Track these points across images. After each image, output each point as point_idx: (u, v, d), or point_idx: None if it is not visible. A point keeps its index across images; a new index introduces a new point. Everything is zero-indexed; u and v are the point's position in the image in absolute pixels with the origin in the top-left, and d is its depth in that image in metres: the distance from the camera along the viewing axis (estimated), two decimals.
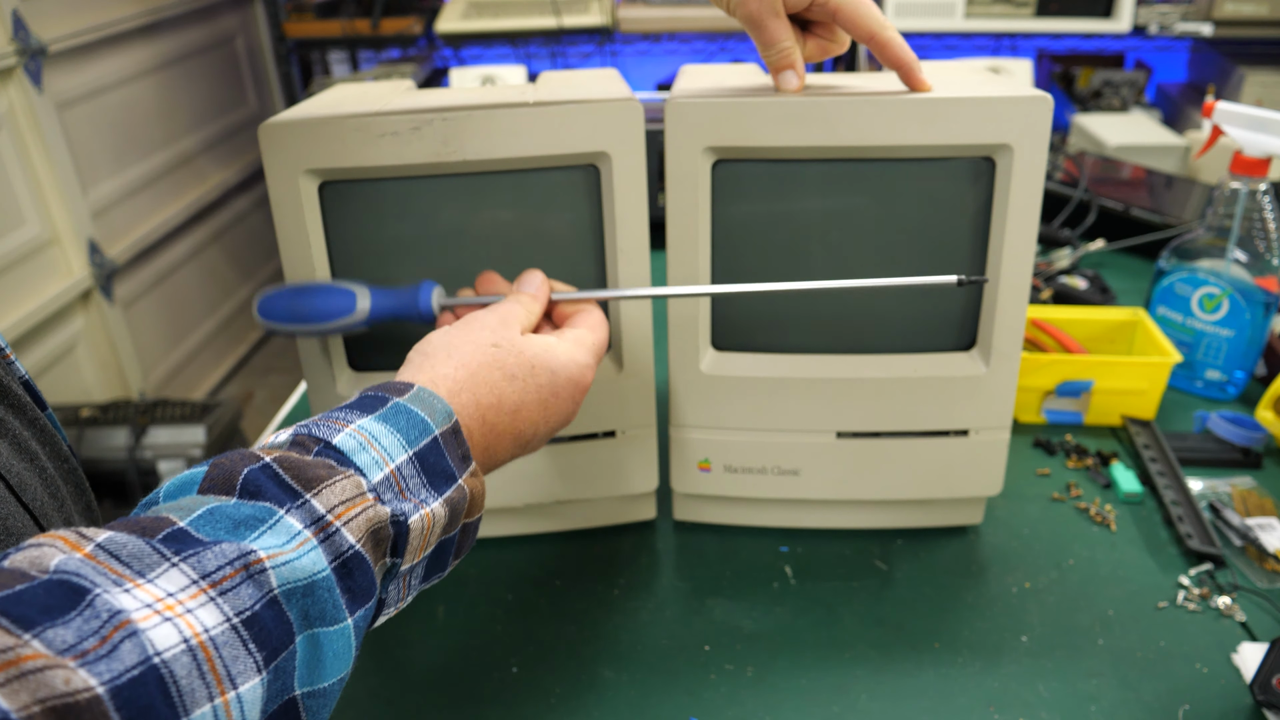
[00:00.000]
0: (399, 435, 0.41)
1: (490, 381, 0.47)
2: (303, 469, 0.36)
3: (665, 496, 0.79)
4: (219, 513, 0.34)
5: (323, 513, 0.35)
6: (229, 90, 2.78)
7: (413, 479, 0.40)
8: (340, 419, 0.40)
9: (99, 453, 1.79)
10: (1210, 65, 2.25)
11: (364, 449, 0.39)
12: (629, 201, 0.63)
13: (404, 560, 0.40)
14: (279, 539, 0.34)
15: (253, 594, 0.31)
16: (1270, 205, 0.89)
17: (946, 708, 0.60)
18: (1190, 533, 0.74)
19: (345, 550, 0.35)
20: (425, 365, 0.46)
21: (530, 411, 0.48)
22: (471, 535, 0.45)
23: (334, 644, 0.35)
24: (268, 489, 0.35)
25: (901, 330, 0.69)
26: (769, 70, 0.62)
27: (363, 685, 0.63)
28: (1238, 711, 0.59)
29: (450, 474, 0.42)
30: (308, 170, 0.61)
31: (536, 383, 0.49)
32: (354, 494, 0.37)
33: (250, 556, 0.32)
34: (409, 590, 0.42)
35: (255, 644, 0.31)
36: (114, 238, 2.23)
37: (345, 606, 0.35)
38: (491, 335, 0.49)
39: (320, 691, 0.35)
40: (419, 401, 0.43)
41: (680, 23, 2.34)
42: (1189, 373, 0.96)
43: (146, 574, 0.30)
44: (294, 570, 0.33)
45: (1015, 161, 0.61)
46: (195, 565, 0.31)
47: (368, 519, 0.37)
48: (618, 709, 0.61)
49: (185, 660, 0.28)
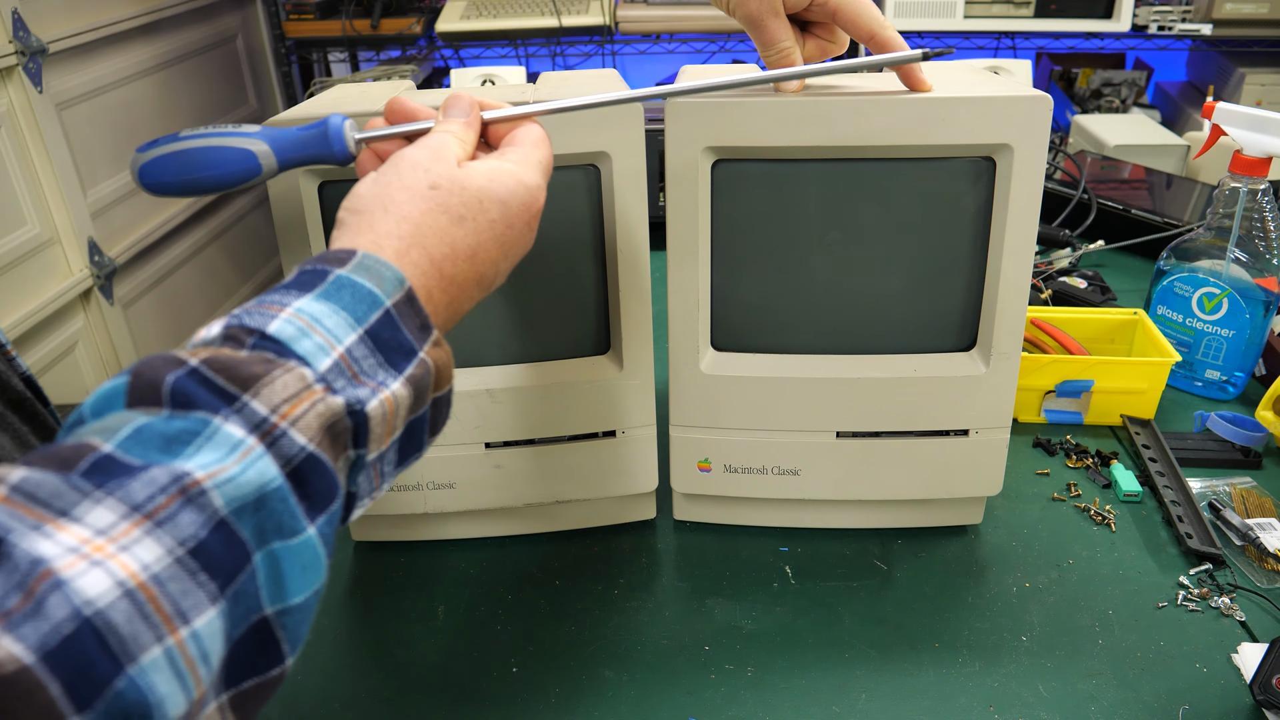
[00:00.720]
0: (344, 313, 0.36)
1: (438, 229, 0.42)
2: (236, 367, 0.32)
3: (665, 496, 0.79)
4: (147, 430, 0.30)
5: (265, 414, 0.32)
6: (229, 90, 2.78)
7: (366, 360, 0.36)
8: (275, 303, 0.36)
9: None
10: (1210, 65, 2.25)
11: (305, 334, 0.35)
12: (629, 201, 0.63)
13: (369, 450, 0.36)
14: (218, 453, 0.30)
15: (194, 519, 0.29)
16: (1270, 205, 0.89)
17: (946, 708, 0.60)
18: (1190, 533, 0.74)
19: (295, 454, 0.32)
20: (362, 226, 0.41)
21: (487, 250, 0.44)
22: (444, 409, 0.41)
23: (299, 556, 0.32)
24: (199, 396, 0.31)
25: (901, 330, 0.69)
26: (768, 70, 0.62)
27: (363, 685, 0.63)
28: (1237, 711, 0.59)
29: (409, 348, 0.38)
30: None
31: (489, 218, 0.43)
32: (299, 388, 0.33)
33: (186, 479, 0.29)
34: (383, 478, 0.39)
35: (206, 573, 0.29)
36: (114, 238, 2.23)
37: (304, 515, 0.32)
38: (426, 176, 0.43)
39: (294, 608, 0.32)
40: (364, 270, 0.38)
41: (680, 23, 2.34)
42: (1189, 372, 0.96)
43: (69, 513, 0.27)
44: (239, 486, 0.30)
45: (1015, 161, 0.61)
46: (123, 497, 0.28)
47: (318, 414, 0.33)
48: (618, 709, 0.61)
49: (123, 605, 0.26)
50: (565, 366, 0.69)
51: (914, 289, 0.67)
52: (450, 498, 0.73)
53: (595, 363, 0.70)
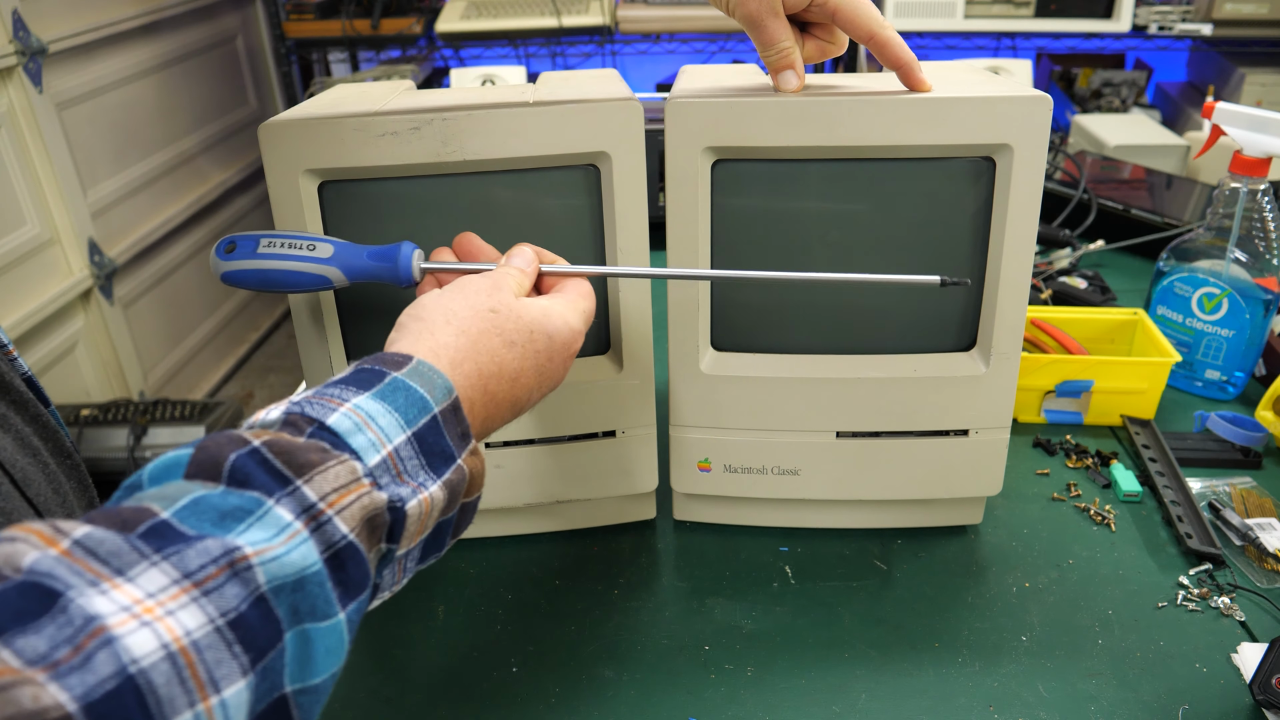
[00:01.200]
0: (397, 414, 0.39)
1: (491, 349, 0.45)
2: (294, 453, 0.34)
3: (665, 496, 0.79)
4: (204, 503, 0.32)
5: (314, 500, 0.34)
6: (229, 90, 2.78)
7: (411, 461, 0.39)
8: (335, 396, 0.38)
9: (99, 452, 1.79)
10: (1210, 65, 2.25)
11: (360, 430, 0.37)
12: (629, 201, 0.63)
13: (400, 546, 0.38)
14: (267, 532, 0.32)
15: (238, 593, 0.30)
16: (1270, 205, 0.89)
17: (946, 708, 0.60)
18: (1190, 533, 0.74)
19: (337, 541, 0.34)
20: (424, 333, 0.44)
21: (528, 378, 0.47)
22: (470, 514, 0.44)
23: (325, 640, 0.33)
24: (256, 476, 0.33)
25: (901, 330, 0.69)
26: (768, 71, 0.62)
27: (363, 685, 0.63)
28: (1237, 711, 0.59)
29: (449, 454, 0.40)
30: (308, 170, 0.61)
31: (534, 348, 0.47)
32: (348, 480, 0.35)
33: (236, 553, 0.31)
34: (405, 573, 0.41)
35: (241, 645, 0.30)
36: (114, 238, 2.23)
37: (337, 600, 0.34)
38: (488, 300, 0.47)
39: (312, 688, 0.33)
40: (418, 376, 0.41)
41: (680, 23, 2.34)
42: (1189, 373, 0.96)
43: (125, 572, 0.29)
44: (283, 566, 0.32)
45: (1015, 161, 0.61)
46: (177, 563, 0.30)
47: (362, 506, 0.35)
48: (618, 709, 0.61)
49: (164, 668, 0.27)
50: None
51: (914, 289, 0.67)
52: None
53: (595, 363, 0.70)
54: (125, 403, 1.88)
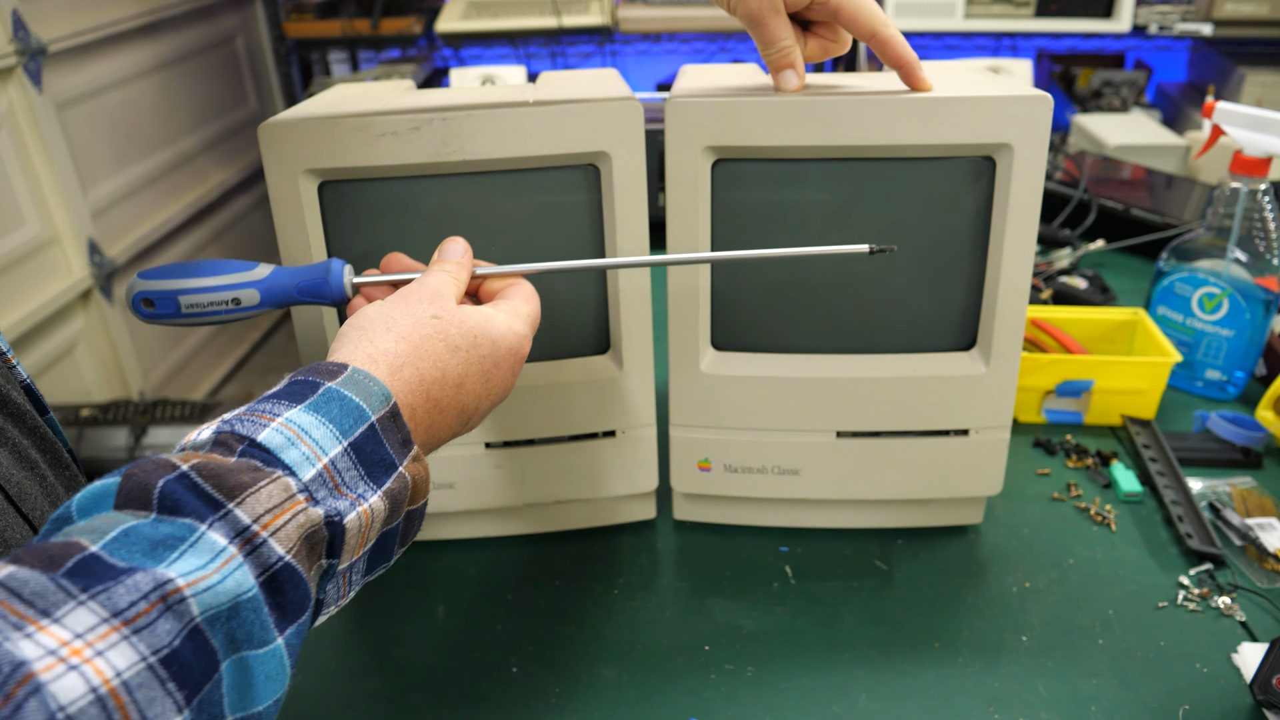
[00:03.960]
0: (331, 426, 0.38)
1: (434, 354, 0.44)
2: (224, 476, 0.34)
3: (665, 496, 0.79)
4: (134, 533, 0.31)
5: (248, 523, 0.33)
6: (229, 90, 2.78)
7: (349, 472, 0.38)
8: (266, 411, 0.37)
9: (99, 453, 1.79)
10: (1210, 65, 2.25)
11: (293, 444, 0.36)
12: (629, 201, 0.63)
13: (341, 560, 0.37)
14: (200, 559, 0.31)
15: (171, 628, 0.29)
16: (1270, 205, 0.89)
17: (946, 708, 0.60)
18: (1190, 533, 0.74)
19: (274, 563, 0.33)
20: (362, 340, 0.44)
21: (473, 384, 0.46)
22: (417, 522, 0.43)
23: (264, 666, 0.33)
24: (186, 502, 0.32)
25: (901, 330, 0.69)
26: (769, 70, 0.62)
27: (363, 685, 0.63)
28: (1238, 711, 0.59)
29: (390, 462, 0.39)
30: (308, 170, 0.61)
31: (479, 354, 0.46)
32: (282, 499, 0.34)
33: (168, 586, 0.30)
34: (350, 586, 0.40)
35: (175, 682, 0.29)
36: (114, 238, 2.23)
37: (274, 626, 0.33)
38: (430, 306, 0.46)
39: (254, 716, 0.33)
40: (354, 385, 0.40)
41: (680, 23, 2.34)
42: (1189, 372, 0.96)
43: (52, 613, 0.28)
44: (217, 595, 0.31)
45: (1015, 161, 0.61)
46: (105, 602, 0.29)
47: (298, 525, 0.34)
48: (618, 709, 0.61)
49: (94, 713, 0.26)
50: (565, 366, 0.69)
51: (914, 289, 0.67)
52: (450, 498, 0.73)
53: (595, 363, 0.70)
54: (125, 403, 1.88)
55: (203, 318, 0.52)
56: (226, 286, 0.52)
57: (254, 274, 0.52)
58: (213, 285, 0.52)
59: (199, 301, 0.52)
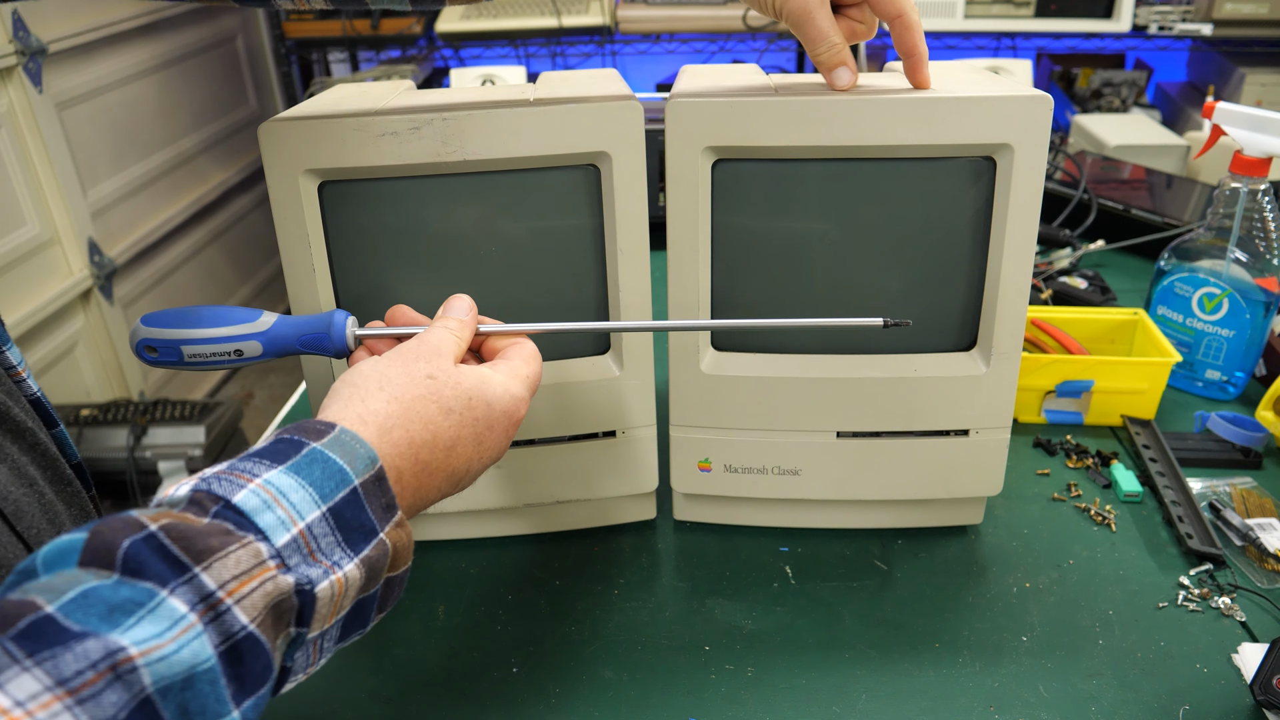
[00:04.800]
0: (311, 489, 0.37)
1: (425, 416, 0.43)
2: (193, 539, 0.33)
3: (665, 496, 0.79)
4: (93, 595, 0.30)
5: (212, 589, 0.32)
6: (229, 90, 2.78)
7: (325, 538, 0.37)
8: (246, 471, 0.37)
9: (99, 453, 1.79)
10: (1210, 65, 2.25)
11: (269, 507, 0.36)
12: (629, 201, 0.63)
13: (311, 628, 0.37)
14: (158, 627, 0.30)
15: (117, 700, 0.28)
16: (1270, 205, 0.89)
17: (946, 708, 0.60)
18: (1190, 533, 0.74)
19: (236, 632, 0.32)
20: (354, 398, 0.43)
21: (465, 448, 0.46)
22: (397, 589, 0.42)
23: None
24: (150, 565, 0.31)
25: (902, 330, 0.69)
26: (821, 69, 0.61)
27: (363, 685, 0.63)
28: (1238, 711, 0.59)
29: (370, 529, 0.39)
30: (308, 170, 0.61)
31: (473, 416, 0.46)
32: (251, 565, 0.34)
33: (119, 655, 0.29)
34: (321, 654, 0.39)
35: None
36: (114, 238, 2.23)
37: (230, 698, 0.32)
38: (426, 366, 0.46)
39: None
40: (339, 446, 0.39)
41: (680, 23, 2.34)
42: (1189, 373, 0.96)
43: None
44: (171, 665, 0.30)
45: (1015, 161, 0.61)
46: (51, 669, 0.28)
47: (265, 593, 0.34)
48: (618, 709, 0.61)
49: None
50: (565, 366, 0.69)
51: (914, 289, 0.67)
52: (450, 498, 0.72)
53: (595, 363, 0.70)
54: (125, 403, 1.88)
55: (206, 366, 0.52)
56: (229, 339, 0.52)
57: (256, 325, 0.52)
58: (215, 337, 0.52)
59: (201, 352, 0.52)
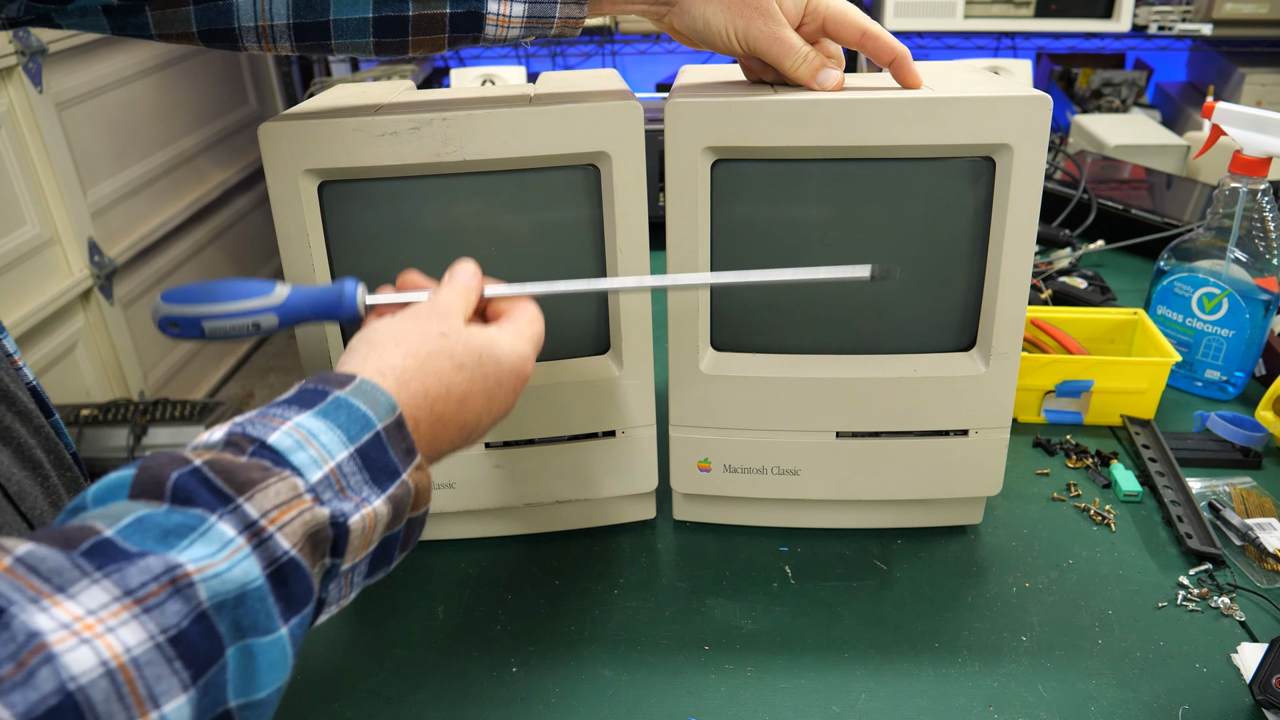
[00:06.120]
0: (339, 431, 0.40)
1: (439, 370, 0.46)
2: (235, 471, 0.35)
3: (665, 496, 0.79)
4: (147, 521, 0.32)
5: (255, 518, 0.34)
6: (229, 90, 2.78)
7: (354, 476, 0.39)
8: (277, 416, 0.39)
9: (99, 453, 1.79)
10: (1210, 65, 2.25)
11: (301, 447, 0.38)
12: (629, 201, 0.63)
13: (345, 560, 0.39)
14: (210, 548, 0.33)
15: (179, 609, 0.31)
16: (1270, 205, 0.89)
17: (946, 708, 0.60)
18: (1190, 533, 0.74)
19: (279, 557, 0.35)
20: (371, 354, 0.45)
21: (476, 401, 0.48)
22: (417, 529, 0.45)
23: (268, 654, 0.34)
24: (198, 494, 0.34)
25: (901, 330, 0.69)
26: (804, 84, 0.62)
27: (363, 685, 0.63)
28: (1237, 711, 0.59)
29: (394, 469, 0.41)
30: (308, 170, 0.61)
31: (483, 372, 0.48)
32: (289, 496, 0.36)
33: (177, 570, 0.31)
34: (351, 588, 0.41)
35: (181, 661, 0.30)
36: (114, 238, 2.23)
37: (279, 615, 0.34)
38: (439, 324, 0.48)
39: (256, 703, 0.34)
40: (361, 394, 0.41)
41: None
42: (1189, 373, 0.96)
43: (66, 589, 0.29)
44: (224, 582, 0.32)
45: (1015, 161, 0.61)
46: (118, 581, 0.30)
47: (304, 522, 0.36)
48: (618, 709, 0.61)
49: (103, 685, 0.28)
50: (565, 366, 0.69)
51: (914, 289, 0.67)
52: (450, 498, 0.73)
53: (595, 363, 0.70)
54: (125, 403, 1.88)
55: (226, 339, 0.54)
56: (246, 313, 0.53)
57: (272, 299, 0.53)
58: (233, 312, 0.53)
59: (221, 326, 0.53)
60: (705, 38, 0.60)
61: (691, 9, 0.59)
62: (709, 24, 0.59)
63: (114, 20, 0.57)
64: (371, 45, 0.58)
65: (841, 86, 0.61)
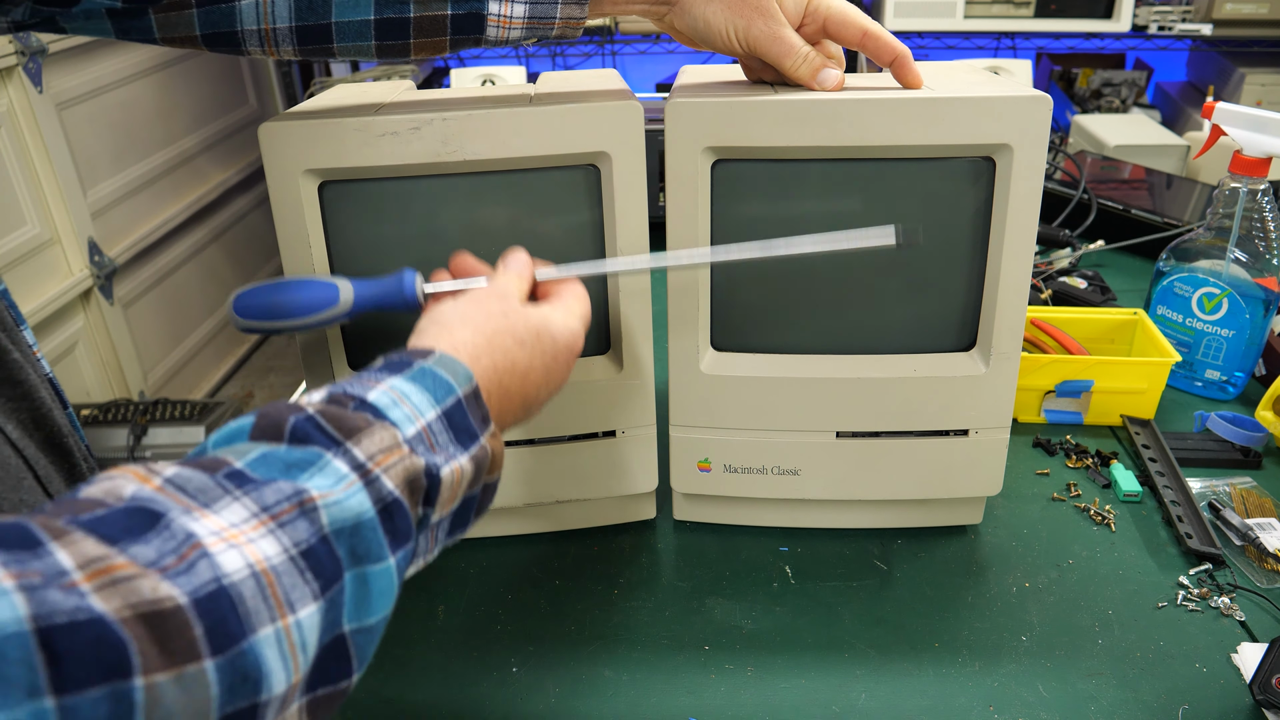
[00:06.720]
0: (427, 394, 0.43)
1: (504, 347, 0.49)
2: (343, 419, 0.38)
3: (665, 496, 0.79)
4: (271, 456, 0.36)
5: (363, 460, 0.37)
6: (229, 90, 2.78)
7: (442, 435, 0.42)
8: (372, 379, 0.42)
9: (99, 453, 1.79)
10: (1210, 65, 2.25)
11: (397, 405, 0.41)
12: (629, 201, 0.63)
13: (435, 511, 0.41)
14: (328, 480, 0.36)
15: (307, 528, 0.34)
16: (1270, 205, 0.89)
17: (946, 708, 0.60)
18: (1190, 533, 0.74)
19: (385, 495, 0.37)
20: (442, 334, 0.48)
21: (536, 375, 0.51)
22: (491, 494, 0.47)
23: (379, 582, 0.36)
24: (314, 435, 0.37)
25: (901, 330, 0.69)
26: (804, 84, 0.62)
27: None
28: (1237, 711, 0.59)
29: (474, 432, 0.44)
30: (308, 170, 0.61)
31: (541, 348, 0.51)
32: (391, 444, 0.39)
33: (304, 494, 0.34)
34: (436, 543, 0.44)
35: (312, 573, 0.33)
36: (114, 238, 2.23)
37: (388, 545, 0.37)
38: (500, 304, 0.51)
39: (368, 628, 0.36)
40: (442, 365, 0.45)
41: None
42: (1189, 372, 0.96)
43: (211, 505, 0.32)
44: (343, 510, 0.35)
45: (1015, 161, 0.61)
46: (256, 499, 0.33)
47: (404, 469, 0.39)
48: (618, 709, 0.61)
49: (250, 584, 0.30)
50: None
51: (914, 289, 0.67)
52: None
53: (595, 363, 0.70)
54: (125, 403, 1.88)
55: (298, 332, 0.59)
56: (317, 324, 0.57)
57: (340, 307, 0.57)
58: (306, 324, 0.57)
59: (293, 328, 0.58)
60: (705, 37, 0.60)
61: (692, 9, 0.60)
62: (709, 24, 0.60)
63: (118, 24, 0.58)
64: (373, 48, 0.59)
65: (842, 86, 0.61)
